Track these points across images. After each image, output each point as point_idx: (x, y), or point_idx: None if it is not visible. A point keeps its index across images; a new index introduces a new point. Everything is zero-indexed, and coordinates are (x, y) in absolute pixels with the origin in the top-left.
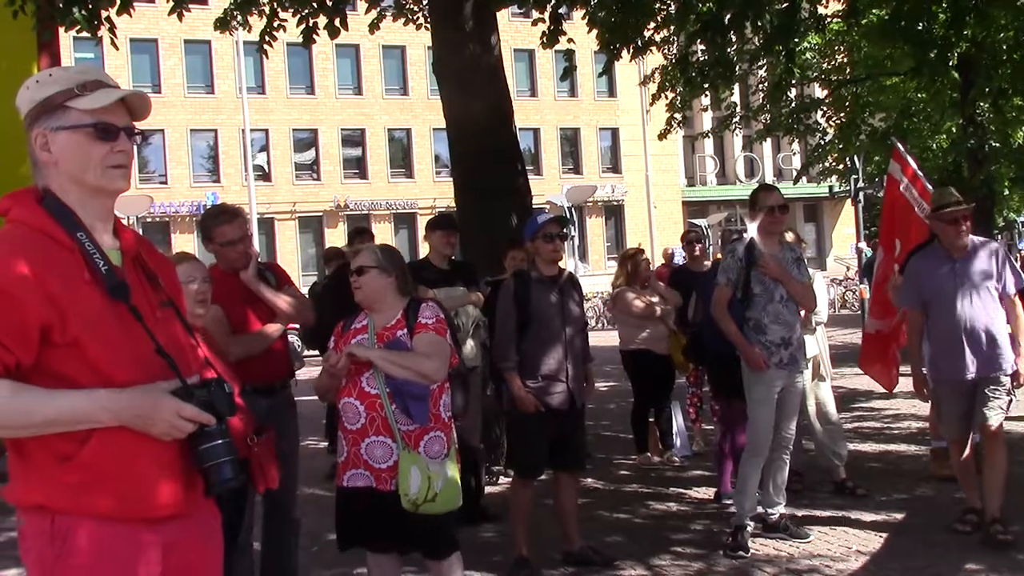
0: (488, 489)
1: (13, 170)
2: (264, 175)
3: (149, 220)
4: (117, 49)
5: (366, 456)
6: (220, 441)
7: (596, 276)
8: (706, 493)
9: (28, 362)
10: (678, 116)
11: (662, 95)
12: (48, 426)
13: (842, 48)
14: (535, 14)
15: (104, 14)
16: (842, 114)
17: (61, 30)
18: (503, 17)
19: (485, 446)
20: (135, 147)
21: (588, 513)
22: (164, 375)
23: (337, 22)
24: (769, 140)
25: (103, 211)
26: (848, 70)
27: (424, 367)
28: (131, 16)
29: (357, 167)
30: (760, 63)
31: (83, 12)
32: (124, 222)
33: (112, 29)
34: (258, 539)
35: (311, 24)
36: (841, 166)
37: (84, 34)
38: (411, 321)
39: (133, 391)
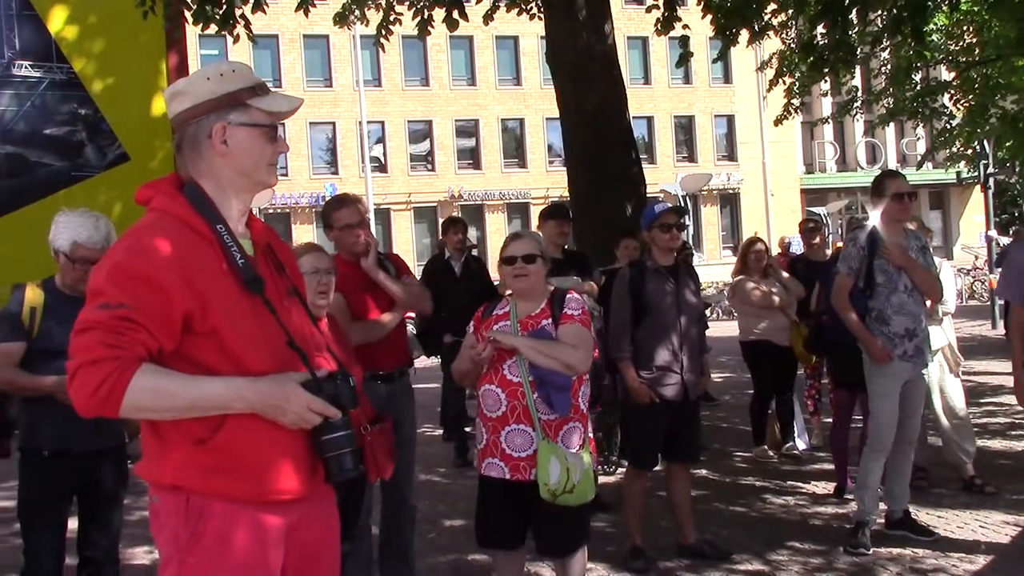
0: (602, 479)
1: (144, 164)
2: (380, 166)
3: (271, 211)
4: (254, 43)
5: (505, 444)
6: (342, 433)
7: (711, 266)
8: (825, 488)
9: (170, 348)
10: (796, 102)
11: (780, 80)
12: (187, 411)
13: (971, 28)
14: (649, 1)
15: (238, 12)
16: (971, 97)
17: (188, 28)
18: (616, 5)
19: (600, 436)
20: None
21: (703, 506)
22: (294, 366)
23: (455, 14)
24: (892, 125)
25: (245, 204)
26: (977, 51)
27: (570, 358)
28: (264, 13)
29: (471, 157)
30: (883, 45)
31: (216, 11)
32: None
33: (247, 25)
34: (376, 523)
35: (427, 16)
36: (969, 151)
37: (210, 31)
38: (556, 312)
39: (268, 381)
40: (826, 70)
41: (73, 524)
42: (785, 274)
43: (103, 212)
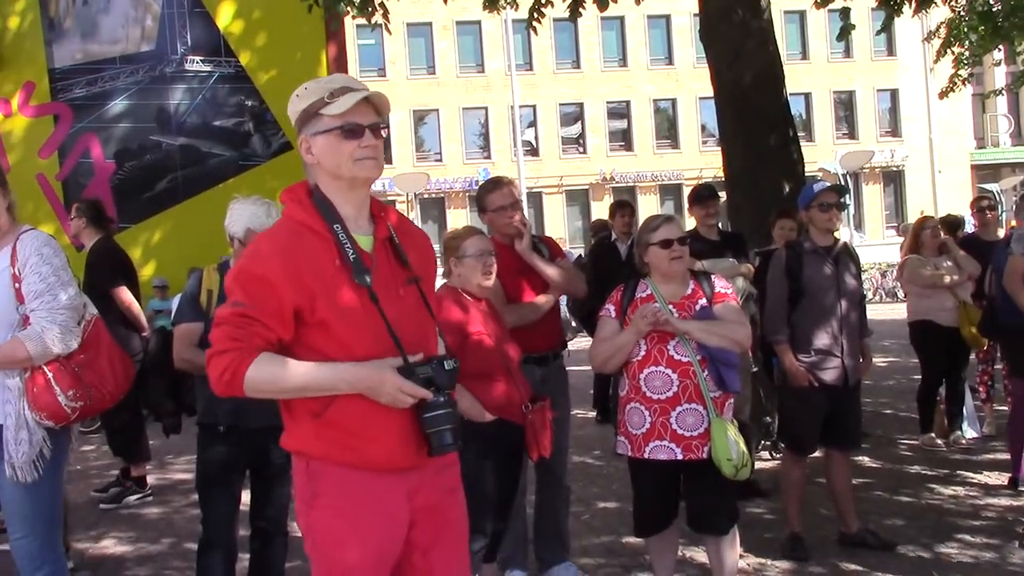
0: (759, 465)
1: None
2: (532, 150)
3: (426, 196)
4: (390, 33)
5: (675, 425)
6: (441, 412)
7: (873, 246)
8: (999, 478)
9: (288, 338)
10: (965, 73)
11: (948, 51)
12: (300, 391)
13: None
14: None
15: (377, 0)
16: None
17: (346, 20)
18: None
19: (755, 421)
20: (383, 139)
21: (865, 494)
22: (396, 352)
23: None
24: None
25: (358, 200)
26: None
27: (739, 335)
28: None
29: (623, 139)
30: None
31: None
32: (403, 198)
33: (385, 14)
34: (531, 504)
35: None
36: None
37: (365, 21)
38: (708, 291)
39: (367, 366)
40: (999, 37)
41: (246, 497)
42: (961, 252)
43: (270, 199)
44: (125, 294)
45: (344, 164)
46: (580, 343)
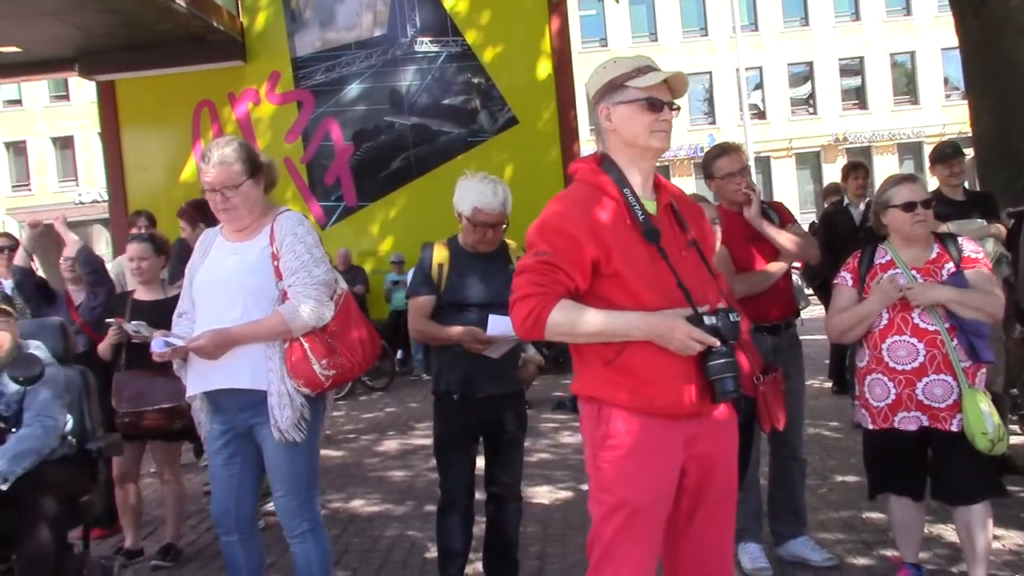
0: (1013, 440)
1: (531, 126)
2: (759, 113)
3: None
4: (617, 2)
5: (922, 396)
6: (725, 360)
7: None
8: None
9: (584, 288)
10: None
11: None
12: (595, 336)
13: None
14: None
15: None
16: None
17: None
18: None
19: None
20: (673, 117)
21: None
22: (682, 304)
23: None
24: None
25: (646, 168)
26: None
27: (994, 306)
28: None
29: (856, 97)
30: None
31: None
32: None
33: None
34: (765, 476)
35: None
36: None
37: None
38: (955, 255)
39: (659, 315)
40: None
41: (481, 463)
42: None
43: (495, 173)
44: None
45: (641, 133)
46: (813, 311)
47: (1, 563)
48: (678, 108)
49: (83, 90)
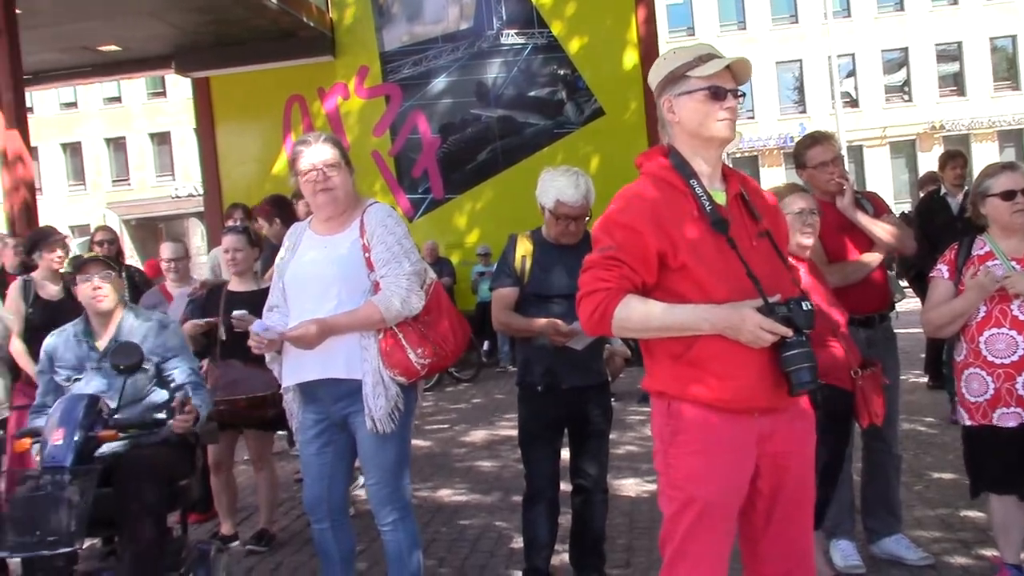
0: None
1: (618, 117)
2: (852, 101)
3: (738, 155)
4: None
5: (1022, 391)
6: (800, 350)
7: None
8: None
9: (651, 282)
10: None
11: None
12: (664, 331)
13: None
14: None
15: None
16: None
17: None
18: None
19: None
20: (739, 104)
21: None
22: (753, 295)
23: None
24: None
25: (712, 158)
26: None
27: None
28: None
29: (954, 83)
30: None
31: None
32: None
33: None
34: (858, 472)
35: None
36: None
37: None
38: None
39: (728, 306)
40: None
41: (567, 454)
42: None
43: (582, 165)
44: None
45: (706, 123)
46: (909, 304)
47: (104, 544)
48: (743, 95)
49: (179, 87)
